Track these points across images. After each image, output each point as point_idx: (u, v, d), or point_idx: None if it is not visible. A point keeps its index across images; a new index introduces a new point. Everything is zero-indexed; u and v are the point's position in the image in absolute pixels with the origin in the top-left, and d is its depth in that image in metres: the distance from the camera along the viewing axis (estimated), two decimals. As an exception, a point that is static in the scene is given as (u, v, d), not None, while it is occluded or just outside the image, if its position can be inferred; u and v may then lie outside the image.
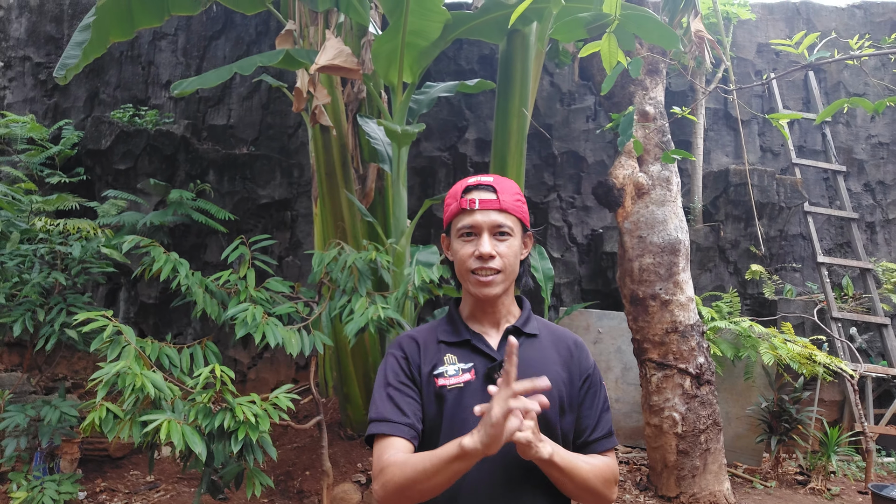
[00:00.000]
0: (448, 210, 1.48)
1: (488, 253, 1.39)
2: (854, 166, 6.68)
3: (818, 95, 6.53)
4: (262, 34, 6.39)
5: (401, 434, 1.36)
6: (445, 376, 1.41)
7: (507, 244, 1.42)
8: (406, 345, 1.48)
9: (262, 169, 6.15)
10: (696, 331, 4.22)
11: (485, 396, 1.36)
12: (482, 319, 1.48)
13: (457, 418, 1.38)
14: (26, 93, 6.48)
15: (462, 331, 1.47)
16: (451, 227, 1.48)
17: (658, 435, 4.21)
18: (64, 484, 3.81)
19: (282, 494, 4.23)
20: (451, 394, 1.39)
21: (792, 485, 4.72)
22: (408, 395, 1.41)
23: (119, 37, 4.52)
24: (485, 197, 1.42)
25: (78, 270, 3.97)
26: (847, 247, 6.56)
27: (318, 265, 3.54)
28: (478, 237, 1.41)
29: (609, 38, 1.87)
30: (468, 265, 1.42)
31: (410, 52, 4.18)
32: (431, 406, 1.41)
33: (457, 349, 1.45)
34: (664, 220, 4.25)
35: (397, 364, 1.45)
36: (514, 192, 1.45)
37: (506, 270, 1.42)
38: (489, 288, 1.41)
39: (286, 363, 5.98)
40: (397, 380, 1.43)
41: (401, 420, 1.38)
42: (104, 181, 6.07)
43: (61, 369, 5.70)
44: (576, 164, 6.36)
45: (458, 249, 1.44)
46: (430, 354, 1.45)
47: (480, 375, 1.41)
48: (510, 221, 1.42)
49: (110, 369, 2.65)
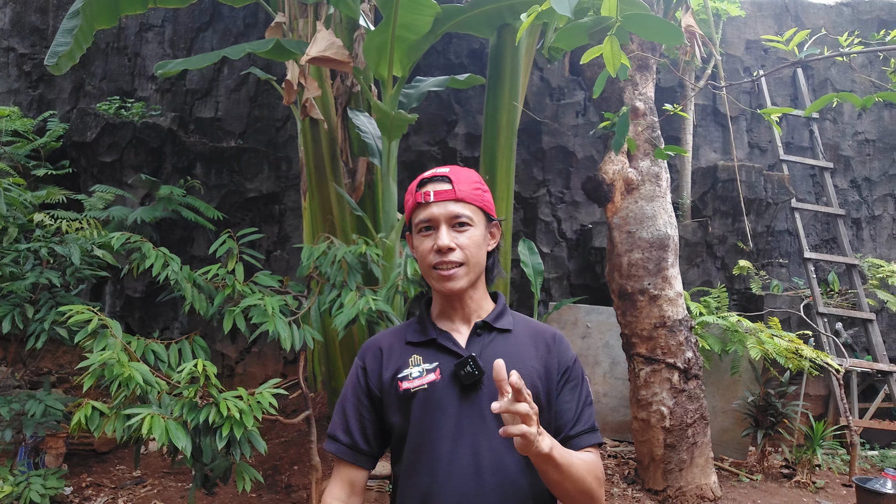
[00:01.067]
0: (406, 206, 1.43)
1: (446, 245, 1.33)
2: (841, 163, 6.73)
3: (806, 92, 6.57)
4: (250, 26, 6.33)
5: (346, 458, 1.41)
6: (409, 379, 1.36)
7: (467, 235, 1.36)
8: (368, 354, 1.45)
9: (249, 162, 6.10)
10: (685, 326, 4.25)
11: (452, 397, 1.33)
12: (452, 316, 1.43)
13: (426, 419, 1.33)
14: (10, 84, 6.39)
15: (430, 330, 1.42)
16: (410, 223, 1.42)
17: (646, 429, 4.24)
18: (50, 479, 3.78)
19: (269, 489, 4.21)
20: (417, 396, 1.34)
21: (777, 478, 4.76)
22: (359, 411, 1.41)
23: (104, 24, 4.43)
24: (440, 188, 1.36)
25: (72, 271, 3.92)
26: (833, 243, 6.63)
27: (307, 259, 3.52)
28: (436, 230, 1.36)
29: (611, 41, 1.85)
30: (429, 260, 1.36)
31: (400, 46, 4.16)
32: (397, 411, 1.37)
33: (422, 349, 1.40)
34: (653, 215, 4.27)
35: (355, 377, 1.44)
36: (472, 180, 1.40)
37: (469, 262, 1.36)
38: (452, 282, 1.35)
39: (274, 357, 5.95)
40: (353, 394, 1.43)
41: (346, 441, 1.41)
42: (89, 173, 6.00)
43: (46, 363, 5.64)
44: (565, 160, 6.36)
45: (418, 245, 1.39)
46: (393, 359, 1.41)
47: (446, 374, 1.35)
48: (469, 211, 1.37)
49: (96, 359, 2.62)
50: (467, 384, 1.33)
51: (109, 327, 2.90)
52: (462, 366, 1.33)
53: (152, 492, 4.21)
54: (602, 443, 1.42)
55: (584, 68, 4.72)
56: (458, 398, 1.33)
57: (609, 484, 4.45)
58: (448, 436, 1.32)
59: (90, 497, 4.14)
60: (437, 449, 1.32)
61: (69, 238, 3.86)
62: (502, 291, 4.90)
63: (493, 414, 1.22)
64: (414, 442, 1.34)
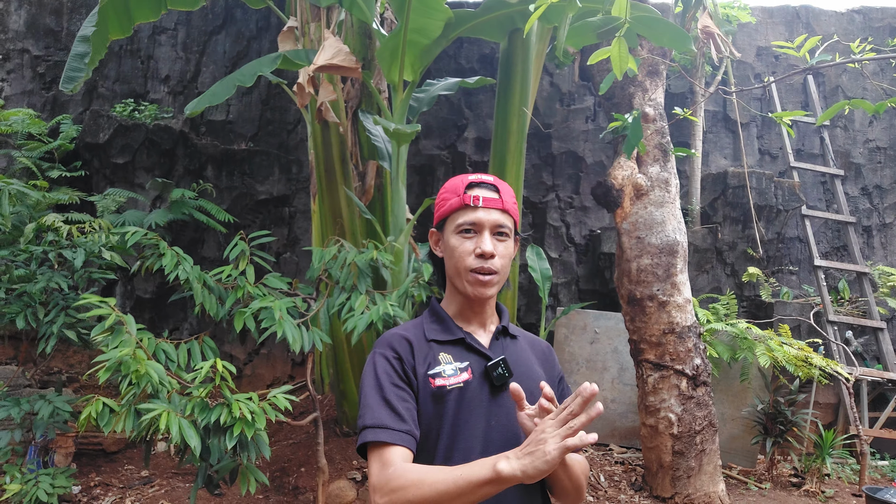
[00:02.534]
0: (446, 205, 1.43)
1: (490, 252, 1.36)
2: (851, 170, 6.70)
3: (817, 99, 6.54)
4: (262, 29, 6.38)
5: (401, 443, 1.28)
6: (444, 376, 1.36)
7: (504, 245, 1.40)
8: (398, 344, 1.41)
9: (260, 165, 6.13)
10: (693, 332, 4.23)
11: (483, 395, 1.37)
12: (471, 319, 1.45)
13: (459, 418, 1.35)
14: (24, 85, 6.46)
15: (455, 329, 1.43)
16: (445, 222, 1.43)
17: (654, 435, 4.22)
18: (58, 478, 3.81)
19: (277, 490, 4.22)
20: (452, 394, 1.35)
21: (786, 486, 4.73)
22: (404, 399, 1.34)
23: (118, 34, 4.50)
24: (488, 195, 1.39)
25: (80, 274, 3.96)
26: (844, 250, 6.59)
27: (317, 262, 3.53)
28: (478, 235, 1.38)
29: (619, 43, 1.86)
30: (467, 263, 1.38)
31: (412, 50, 4.18)
32: (428, 407, 1.36)
33: (450, 348, 1.41)
34: (662, 221, 4.26)
35: (390, 365, 1.38)
36: (512, 194, 1.44)
37: (501, 272, 1.40)
38: (486, 288, 1.38)
39: (282, 359, 5.97)
40: (391, 382, 1.35)
41: (399, 427, 1.29)
42: (102, 174, 6.05)
43: (56, 363, 5.69)
44: (575, 165, 6.36)
45: (457, 246, 1.39)
46: (422, 354, 1.40)
47: (477, 374, 1.38)
48: (509, 223, 1.41)
49: (113, 355, 2.64)
50: (497, 385, 1.38)
51: (125, 323, 2.91)
52: (495, 367, 1.38)
53: (160, 492, 4.23)
54: None
55: (595, 73, 4.73)
56: (489, 398, 1.38)
57: (616, 490, 4.44)
58: (481, 433, 1.36)
59: (98, 496, 4.16)
60: (471, 445, 1.34)
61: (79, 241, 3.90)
62: (511, 295, 4.90)
63: (516, 412, 1.30)
64: (449, 437, 1.35)
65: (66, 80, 4.22)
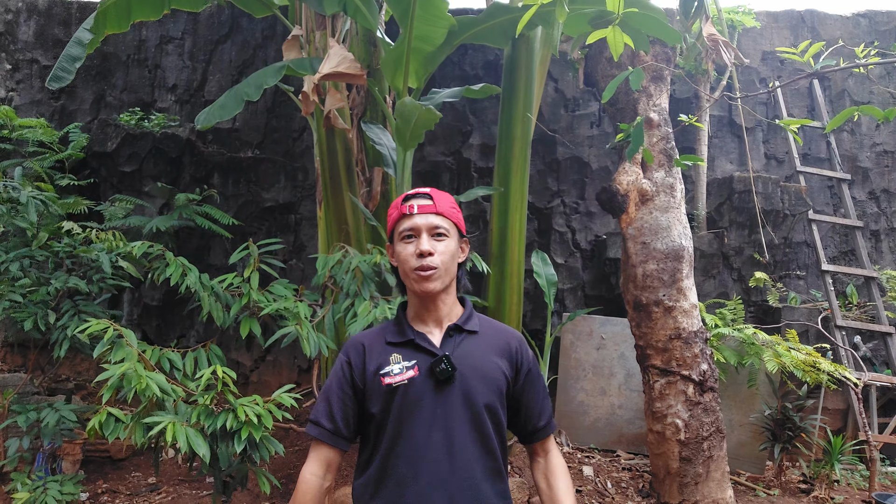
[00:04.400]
0: (391, 219, 1.63)
1: (427, 250, 1.54)
2: (859, 174, 6.67)
3: (823, 104, 6.52)
4: (268, 38, 6.42)
5: (329, 441, 1.58)
6: (391, 375, 1.55)
7: (444, 244, 1.57)
8: (352, 350, 1.63)
9: (266, 172, 6.16)
10: (700, 337, 4.21)
11: (428, 390, 1.54)
12: (426, 319, 1.62)
13: (404, 411, 1.53)
14: (34, 95, 6.52)
15: (406, 331, 1.61)
16: (393, 233, 1.62)
17: (661, 441, 4.20)
18: (66, 485, 3.82)
19: (283, 497, 4.22)
20: (399, 390, 1.54)
21: (795, 493, 4.70)
22: (342, 401, 1.59)
23: (114, 29, 4.51)
24: (422, 203, 1.58)
25: (99, 278, 3.98)
26: (851, 255, 6.55)
27: (322, 268, 3.55)
28: (417, 238, 1.56)
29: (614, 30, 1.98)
30: (410, 264, 1.55)
31: (416, 58, 4.19)
32: (378, 402, 1.55)
33: (401, 349, 1.59)
34: (668, 226, 4.25)
35: (340, 370, 1.62)
36: (449, 200, 1.62)
37: (442, 267, 1.55)
38: (429, 282, 1.54)
39: (288, 366, 5.98)
40: (338, 385, 1.60)
41: (329, 426, 1.58)
42: (110, 183, 6.09)
43: (64, 370, 5.72)
44: (580, 170, 6.36)
45: (401, 251, 1.58)
46: (375, 356, 1.59)
47: (423, 371, 1.55)
48: (446, 224, 1.59)
49: (115, 371, 2.66)
50: (442, 379, 1.54)
51: (125, 337, 2.93)
52: (437, 363, 1.54)
53: (167, 499, 4.24)
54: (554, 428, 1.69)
55: (599, 79, 4.73)
56: (434, 392, 1.54)
57: (624, 497, 4.42)
58: (424, 424, 1.53)
59: (106, 503, 4.18)
60: (415, 436, 1.52)
61: (96, 247, 3.92)
62: (516, 301, 4.90)
63: (462, 405, 1.53)
64: (393, 429, 1.54)
65: (53, 78, 4.30)
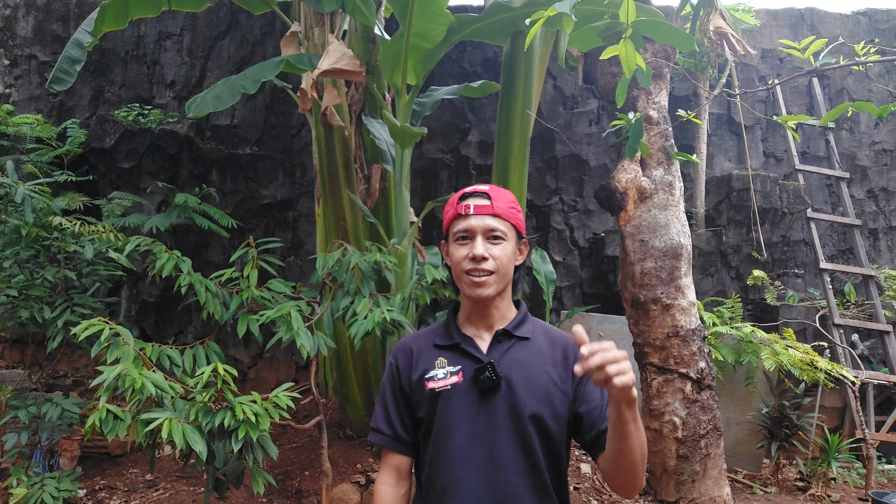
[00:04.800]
0: (446, 217, 1.56)
1: (481, 255, 1.45)
2: (857, 173, 6.67)
3: (822, 102, 6.53)
4: (266, 34, 6.40)
5: (390, 447, 1.53)
6: (435, 379, 1.49)
7: (500, 248, 1.48)
8: (400, 354, 1.58)
9: (264, 169, 6.15)
10: (698, 335, 4.22)
11: (471, 399, 1.45)
12: (477, 323, 1.54)
13: (444, 418, 1.46)
14: (32, 91, 6.50)
15: (454, 335, 1.54)
16: (448, 232, 1.55)
17: (658, 439, 4.20)
18: (64, 481, 3.82)
19: (280, 494, 4.23)
20: (441, 396, 1.47)
21: (792, 491, 4.71)
22: (398, 406, 1.54)
23: (112, 26, 4.49)
24: (479, 203, 1.49)
25: (88, 271, 3.98)
26: (850, 253, 6.56)
27: (321, 269, 3.54)
28: (472, 240, 1.48)
29: (626, 44, 1.92)
30: (462, 266, 1.48)
31: (415, 55, 4.18)
32: (424, 407, 1.49)
33: (448, 352, 1.52)
34: (666, 224, 4.25)
35: (391, 375, 1.57)
36: (508, 200, 1.52)
37: (498, 272, 1.47)
38: (482, 289, 1.46)
39: (286, 363, 5.98)
40: (390, 390, 1.56)
41: (388, 432, 1.53)
42: (108, 179, 6.08)
43: (62, 366, 5.71)
44: (578, 168, 6.36)
45: (454, 252, 1.50)
46: (422, 359, 1.53)
47: (468, 377, 1.47)
48: (503, 226, 1.49)
49: (110, 373, 2.66)
50: (485, 388, 1.44)
51: (121, 335, 2.93)
52: (481, 371, 1.45)
53: (164, 495, 4.24)
54: None
55: (598, 77, 4.72)
56: (477, 400, 1.45)
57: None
58: (465, 433, 1.44)
59: (103, 500, 4.18)
60: (455, 445, 1.44)
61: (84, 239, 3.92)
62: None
63: (507, 416, 1.42)
64: (436, 436, 1.47)
65: (54, 80, 4.28)
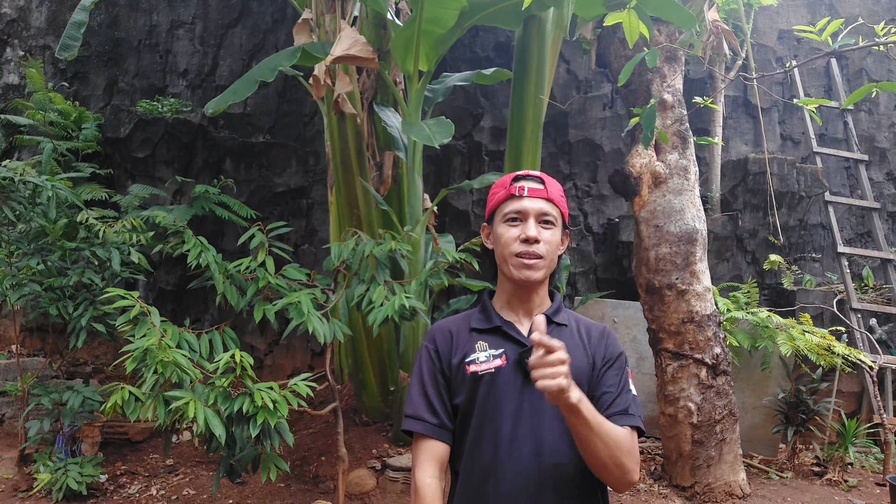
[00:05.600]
0: (494, 198, 1.51)
1: (534, 236, 1.42)
2: (876, 155, 6.57)
3: (840, 83, 6.42)
4: (278, 22, 6.40)
5: (432, 434, 1.43)
6: (477, 363, 1.44)
7: (550, 233, 1.46)
8: (439, 336, 1.52)
9: (278, 157, 6.17)
10: (713, 321, 4.20)
11: (516, 382, 1.42)
12: (517, 307, 1.51)
13: (489, 403, 1.42)
14: (46, 80, 6.55)
15: (494, 318, 1.50)
16: (494, 214, 1.51)
17: (673, 424, 4.20)
18: (86, 466, 3.90)
19: (297, 479, 4.28)
20: (484, 379, 1.43)
21: (808, 476, 4.69)
22: (439, 391, 1.47)
23: None
24: (534, 186, 1.47)
25: (111, 274, 4.04)
26: (868, 237, 6.47)
27: (336, 258, 3.56)
28: (523, 222, 1.45)
29: (630, 14, 1.92)
30: (512, 248, 1.44)
31: (426, 40, 4.16)
32: (464, 393, 1.44)
33: (488, 336, 1.48)
34: (681, 209, 4.22)
35: (429, 358, 1.50)
36: (559, 188, 1.52)
37: (547, 257, 1.45)
38: (531, 271, 1.43)
39: (302, 350, 6.03)
40: (430, 375, 1.48)
41: (432, 420, 1.44)
42: (123, 168, 6.13)
43: (82, 354, 5.80)
44: (592, 153, 6.31)
45: (503, 233, 1.46)
46: (461, 343, 1.49)
47: (511, 361, 1.43)
48: (555, 212, 1.47)
49: (141, 344, 2.69)
50: (529, 371, 1.38)
51: (149, 314, 2.96)
52: (526, 354, 1.38)
53: (184, 480, 4.31)
54: (641, 429, 1.45)
55: (612, 60, 4.68)
56: (521, 383, 1.41)
57: (635, 479, 4.43)
58: (510, 417, 1.40)
59: (124, 484, 4.26)
60: (500, 428, 1.40)
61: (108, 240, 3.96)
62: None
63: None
64: (478, 420, 1.42)
65: (62, 48, 4.35)
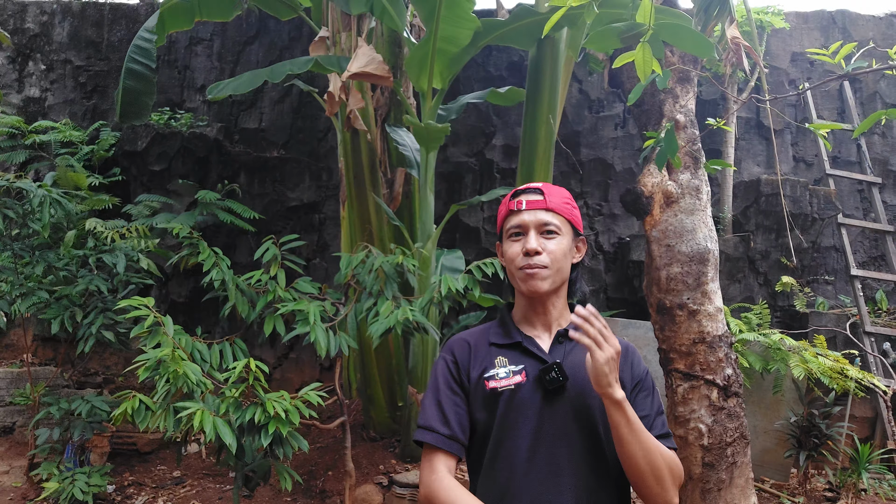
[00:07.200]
0: (500, 216, 1.53)
1: (534, 248, 1.41)
2: (890, 178, 6.53)
3: (854, 106, 6.40)
4: (294, 40, 6.49)
5: (444, 447, 1.39)
6: (496, 378, 1.41)
7: (554, 242, 1.43)
8: (457, 348, 1.49)
9: (291, 172, 6.23)
10: (724, 342, 4.16)
11: (535, 399, 1.38)
12: (534, 322, 1.48)
13: (506, 420, 1.39)
14: (66, 94, 6.67)
15: (513, 333, 1.47)
16: (502, 232, 1.51)
17: (683, 446, 4.15)
18: (94, 476, 3.91)
19: (304, 493, 4.27)
20: (503, 396, 1.39)
21: (820, 501, 4.62)
22: (455, 403, 1.43)
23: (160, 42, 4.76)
24: (532, 198, 1.46)
25: (120, 278, 4.08)
26: (881, 260, 6.42)
27: (345, 268, 3.58)
28: (525, 235, 1.44)
29: (643, 48, 1.88)
30: (517, 263, 1.43)
31: (441, 59, 4.21)
32: (482, 409, 1.41)
33: (507, 351, 1.45)
34: (693, 229, 4.21)
35: (447, 369, 1.46)
36: (563, 195, 1.49)
37: (552, 266, 1.42)
38: (536, 281, 1.41)
39: (311, 364, 6.04)
40: (447, 386, 1.44)
41: (444, 432, 1.39)
42: (139, 182, 6.21)
43: (93, 364, 5.84)
44: (603, 172, 6.33)
45: (508, 249, 1.46)
46: (480, 357, 1.45)
47: (531, 378, 1.40)
48: (557, 220, 1.45)
49: (153, 355, 2.71)
50: (550, 389, 1.37)
51: (163, 324, 2.99)
52: (547, 371, 1.38)
53: (191, 492, 4.31)
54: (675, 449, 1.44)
55: (624, 80, 4.69)
56: (542, 401, 1.39)
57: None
58: (528, 436, 1.37)
59: (131, 495, 4.26)
60: (518, 447, 1.37)
61: (117, 247, 4.01)
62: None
63: (573, 420, 1.34)
64: (496, 438, 1.39)
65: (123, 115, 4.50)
